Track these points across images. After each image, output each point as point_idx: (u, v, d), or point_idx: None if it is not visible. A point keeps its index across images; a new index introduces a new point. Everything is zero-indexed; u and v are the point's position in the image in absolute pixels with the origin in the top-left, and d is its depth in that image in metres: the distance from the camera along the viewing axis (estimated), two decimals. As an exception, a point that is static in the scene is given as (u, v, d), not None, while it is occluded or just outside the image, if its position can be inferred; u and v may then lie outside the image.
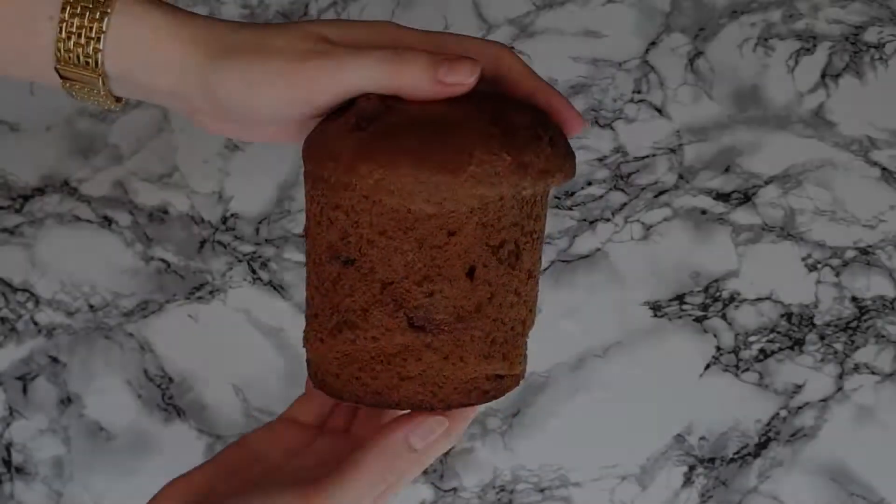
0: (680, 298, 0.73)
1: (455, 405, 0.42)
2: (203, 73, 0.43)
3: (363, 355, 0.41)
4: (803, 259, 0.74)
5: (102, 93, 0.46)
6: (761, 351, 0.72)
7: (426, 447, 0.43)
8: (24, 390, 0.70)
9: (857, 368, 0.72)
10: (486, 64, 0.45)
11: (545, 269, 0.73)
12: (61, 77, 0.45)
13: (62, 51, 0.44)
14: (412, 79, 0.41)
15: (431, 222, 0.39)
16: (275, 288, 0.72)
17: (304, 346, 0.46)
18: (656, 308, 0.73)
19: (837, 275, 0.74)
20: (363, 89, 0.42)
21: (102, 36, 0.44)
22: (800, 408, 0.71)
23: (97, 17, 0.43)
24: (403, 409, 0.42)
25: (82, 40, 0.44)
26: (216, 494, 0.44)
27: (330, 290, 0.42)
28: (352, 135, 0.40)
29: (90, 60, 0.44)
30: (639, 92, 0.78)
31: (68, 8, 0.44)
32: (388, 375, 0.41)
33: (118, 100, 0.47)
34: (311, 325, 0.44)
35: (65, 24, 0.44)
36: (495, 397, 0.43)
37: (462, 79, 0.41)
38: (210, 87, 0.43)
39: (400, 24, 0.45)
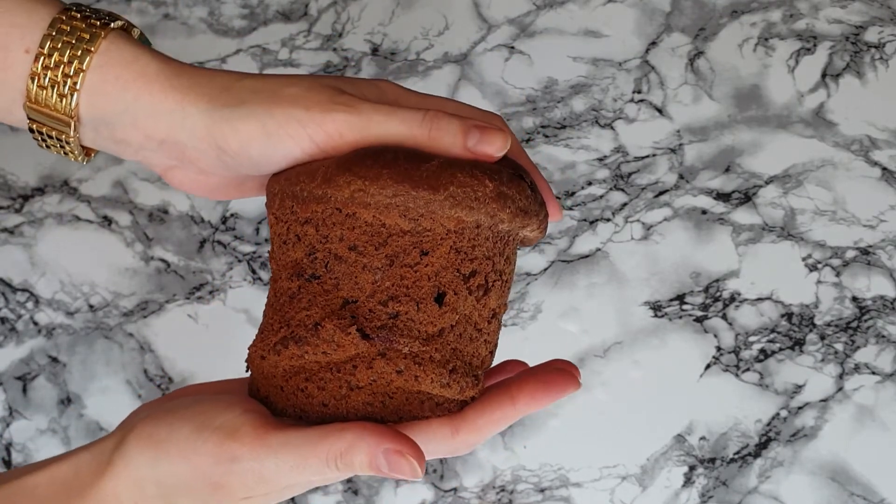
0: (680, 298, 0.73)
1: (407, 417, 0.40)
2: (209, 122, 0.40)
3: (312, 366, 0.40)
4: (804, 259, 0.74)
5: (71, 139, 0.42)
6: (762, 351, 0.72)
7: (379, 471, 0.40)
8: (24, 390, 0.70)
9: (857, 368, 0.72)
10: None
11: (545, 270, 0.73)
12: (30, 119, 0.41)
13: (34, 86, 0.40)
14: (443, 144, 0.40)
15: (405, 239, 0.39)
16: (275, 288, 0.72)
17: (246, 370, 0.44)
18: (656, 308, 0.73)
19: (838, 275, 0.74)
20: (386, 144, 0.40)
21: (82, 75, 0.40)
22: (800, 408, 0.71)
23: (79, 54, 0.40)
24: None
25: (59, 77, 0.40)
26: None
27: (285, 304, 0.41)
28: (332, 158, 0.40)
29: (64, 99, 0.40)
30: (639, 92, 0.78)
31: (49, 42, 0.40)
32: (337, 385, 0.40)
33: (87, 153, 0.44)
34: (254, 343, 0.43)
35: (42, 59, 0.40)
36: (450, 411, 0.41)
37: (493, 151, 0.40)
38: (219, 136, 0.40)
39: (399, 84, 0.44)
